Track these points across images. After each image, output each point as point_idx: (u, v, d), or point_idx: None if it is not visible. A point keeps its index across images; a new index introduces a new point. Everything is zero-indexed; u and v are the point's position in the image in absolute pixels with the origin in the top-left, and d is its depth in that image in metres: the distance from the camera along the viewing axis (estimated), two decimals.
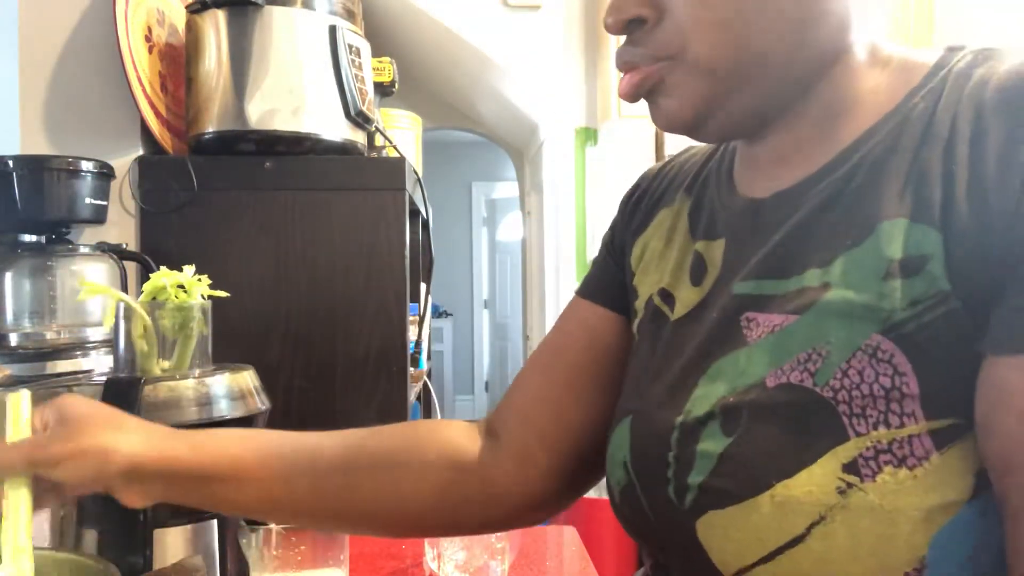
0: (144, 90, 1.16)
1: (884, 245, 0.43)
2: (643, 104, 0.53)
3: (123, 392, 0.62)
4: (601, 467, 0.61)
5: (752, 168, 0.54)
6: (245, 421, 0.68)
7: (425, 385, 1.73)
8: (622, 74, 0.51)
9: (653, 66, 0.49)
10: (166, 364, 0.68)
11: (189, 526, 0.64)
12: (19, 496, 0.53)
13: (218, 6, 1.10)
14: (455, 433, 0.64)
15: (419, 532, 0.70)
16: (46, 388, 0.65)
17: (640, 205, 0.65)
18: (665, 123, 0.51)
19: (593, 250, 2.93)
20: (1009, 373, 0.39)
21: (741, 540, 0.44)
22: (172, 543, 0.63)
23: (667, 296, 0.57)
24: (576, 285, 0.72)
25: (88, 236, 1.15)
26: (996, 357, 0.39)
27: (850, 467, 0.42)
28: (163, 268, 0.71)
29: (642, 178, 0.68)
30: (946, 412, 0.41)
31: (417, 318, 1.42)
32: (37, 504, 0.54)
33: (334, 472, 0.60)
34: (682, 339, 0.53)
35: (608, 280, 0.65)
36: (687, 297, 0.55)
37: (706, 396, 0.48)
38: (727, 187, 0.56)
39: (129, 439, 0.56)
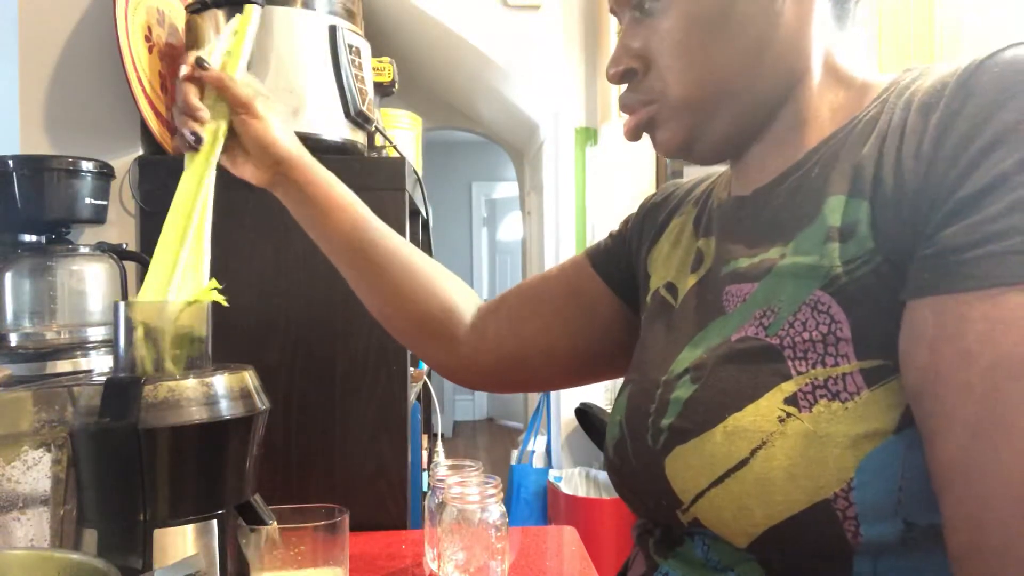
0: (144, 90, 1.16)
1: (827, 216, 0.51)
2: None
3: (123, 392, 0.62)
4: (527, 377, 0.84)
5: (740, 175, 0.63)
6: (245, 421, 0.68)
7: (425, 385, 1.72)
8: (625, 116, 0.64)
9: (644, 109, 0.61)
10: (166, 364, 0.68)
11: (189, 526, 0.64)
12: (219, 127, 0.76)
13: (218, 6, 1.10)
14: (462, 297, 0.84)
15: (400, 333, 0.88)
16: (46, 388, 0.65)
17: (658, 211, 0.75)
18: (663, 151, 0.62)
19: None
20: (920, 312, 0.45)
21: (697, 467, 0.51)
22: (172, 543, 0.63)
23: (672, 288, 0.67)
24: None
25: (88, 236, 1.15)
26: (911, 300, 0.46)
27: (791, 400, 0.49)
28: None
29: (666, 187, 0.78)
30: (875, 354, 0.47)
31: None
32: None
33: (388, 257, 0.81)
34: (680, 318, 0.63)
35: (610, 255, 0.78)
36: (686, 284, 0.64)
37: (687, 358, 0.58)
38: (725, 193, 0.66)
39: (292, 137, 0.80)
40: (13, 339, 0.97)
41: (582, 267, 0.80)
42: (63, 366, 0.98)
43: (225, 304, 0.73)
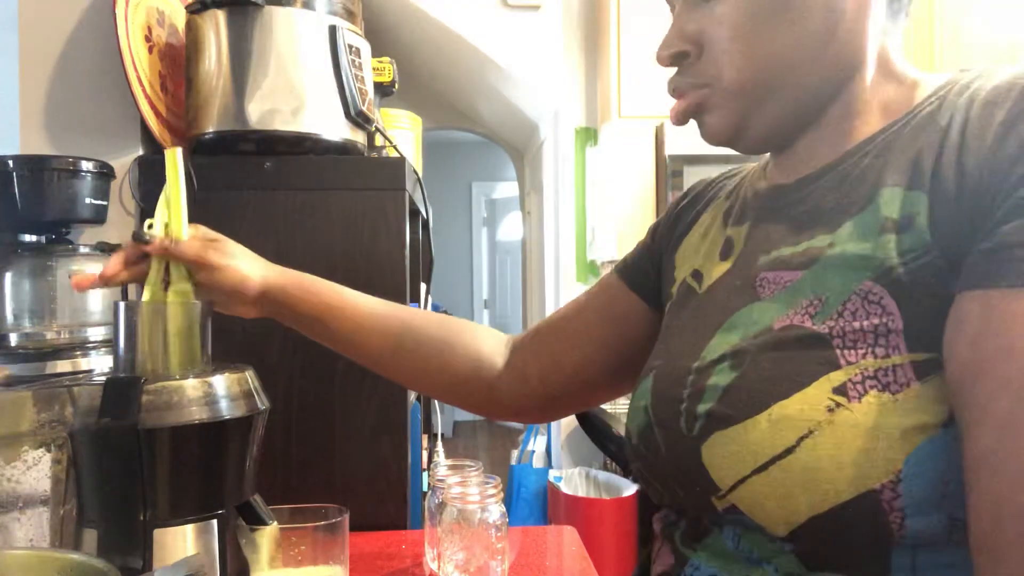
0: (144, 90, 1.16)
1: (883, 207, 0.51)
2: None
3: (123, 392, 0.62)
4: (574, 406, 0.84)
5: (783, 165, 0.63)
6: (245, 421, 0.68)
7: None
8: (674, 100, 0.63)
9: (695, 92, 0.60)
10: (167, 364, 0.68)
11: (189, 526, 0.64)
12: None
13: (218, 6, 1.10)
14: (487, 344, 0.83)
15: (435, 396, 0.93)
16: (46, 388, 0.65)
17: (688, 211, 0.75)
18: (710, 137, 0.61)
19: (593, 250, 2.93)
20: (966, 305, 0.45)
21: (739, 454, 0.51)
22: (172, 543, 0.63)
23: (697, 275, 0.67)
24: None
25: (88, 236, 1.15)
26: (960, 293, 0.46)
27: (839, 390, 0.48)
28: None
29: (694, 187, 0.78)
30: (927, 347, 0.48)
31: None
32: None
33: (400, 335, 0.81)
34: (708, 304, 0.62)
35: (640, 267, 0.78)
36: (715, 271, 0.64)
37: (720, 344, 0.57)
38: (762, 182, 0.66)
39: (261, 268, 0.78)
40: (13, 339, 0.97)
41: (614, 286, 0.79)
42: (63, 366, 0.98)
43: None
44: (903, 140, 0.53)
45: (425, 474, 1.54)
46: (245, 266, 0.77)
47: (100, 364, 1.00)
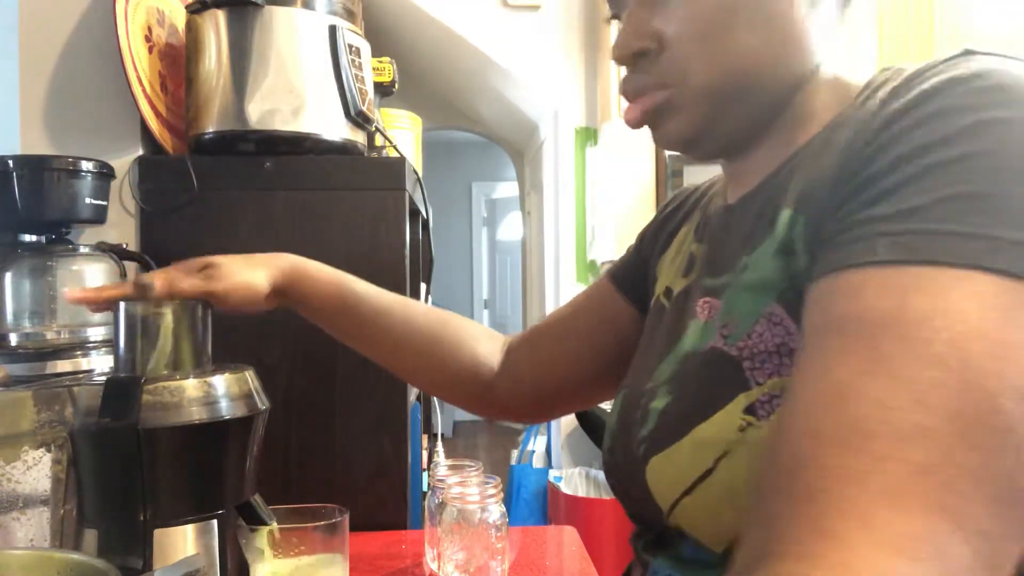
0: (144, 90, 1.16)
1: (779, 229, 0.52)
2: None
3: (123, 392, 0.62)
4: (567, 407, 0.88)
5: (733, 180, 0.63)
6: (245, 421, 0.68)
7: None
8: (627, 102, 0.60)
9: (660, 92, 0.56)
10: (168, 364, 0.68)
11: (189, 526, 0.64)
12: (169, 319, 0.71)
13: (218, 6, 1.10)
14: (486, 344, 0.86)
15: (432, 392, 0.99)
16: (46, 388, 0.65)
17: (672, 218, 0.75)
18: (668, 142, 0.59)
19: (593, 250, 2.93)
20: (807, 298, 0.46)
21: (671, 477, 0.53)
22: (172, 543, 0.63)
23: (668, 292, 0.68)
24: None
25: (88, 236, 1.15)
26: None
27: (750, 410, 0.50)
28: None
29: (680, 192, 0.78)
30: None
31: None
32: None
33: (404, 329, 0.83)
34: (669, 323, 0.64)
35: (630, 273, 0.78)
36: (678, 287, 0.66)
37: (665, 368, 0.59)
38: (720, 199, 0.66)
39: (264, 271, 0.80)
40: (13, 339, 0.97)
41: (605, 289, 0.80)
42: (63, 366, 0.98)
43: None
44: (807, 160, 0.52)
45: (425, 474, 1.54)
46: (249, 278, 0.78)
47: (100, 364, 1.00)
